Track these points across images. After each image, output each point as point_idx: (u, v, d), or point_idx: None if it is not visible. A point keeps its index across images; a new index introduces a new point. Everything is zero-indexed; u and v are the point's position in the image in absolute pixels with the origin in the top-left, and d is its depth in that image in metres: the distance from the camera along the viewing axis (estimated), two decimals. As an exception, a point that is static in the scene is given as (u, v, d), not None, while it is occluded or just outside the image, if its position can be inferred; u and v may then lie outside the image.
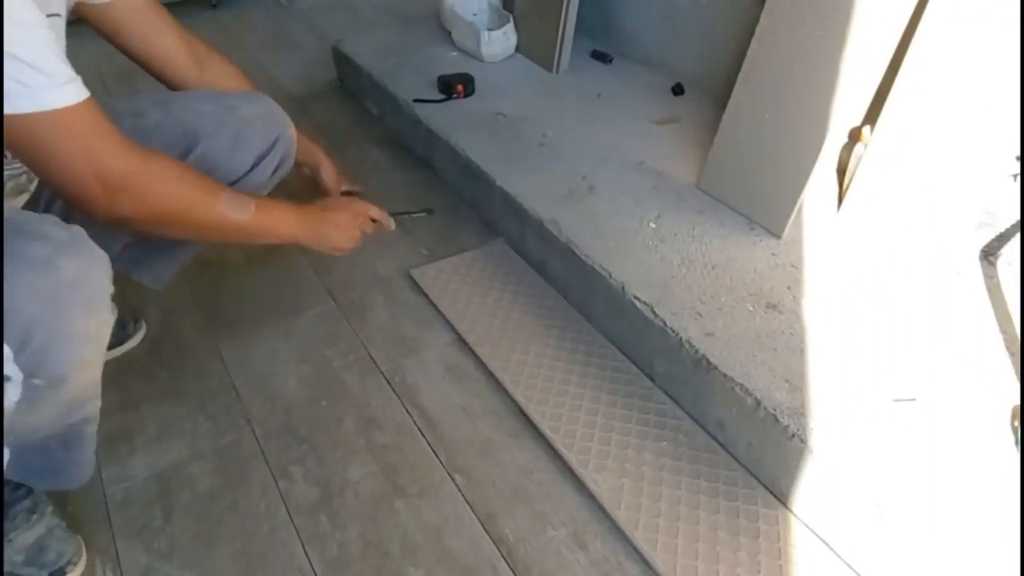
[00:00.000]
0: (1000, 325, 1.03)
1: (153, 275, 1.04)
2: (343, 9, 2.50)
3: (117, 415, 0.99)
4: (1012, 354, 0.98)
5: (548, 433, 0.99)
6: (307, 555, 0.86)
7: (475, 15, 1.92)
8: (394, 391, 1.08)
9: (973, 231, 1.15)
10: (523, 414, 1.03)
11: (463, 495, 0.93)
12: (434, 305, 1.23)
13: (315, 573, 0.84)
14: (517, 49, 1.85)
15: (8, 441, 0.68)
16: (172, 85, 0.96)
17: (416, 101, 1.62)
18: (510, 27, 1.80)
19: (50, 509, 0.84)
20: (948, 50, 1.00)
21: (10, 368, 0.56)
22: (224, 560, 0.85)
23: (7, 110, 0.60)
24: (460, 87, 1.62)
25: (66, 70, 0.64)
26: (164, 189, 0.72)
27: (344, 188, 1.13)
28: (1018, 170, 1.08)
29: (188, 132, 0.87)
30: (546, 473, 0.96)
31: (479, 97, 1.65)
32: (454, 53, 1.87)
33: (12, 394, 0.59)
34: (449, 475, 0.96)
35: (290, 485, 0.94)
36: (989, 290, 1.09)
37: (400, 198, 1.53)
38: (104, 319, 0.63)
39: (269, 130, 0.94)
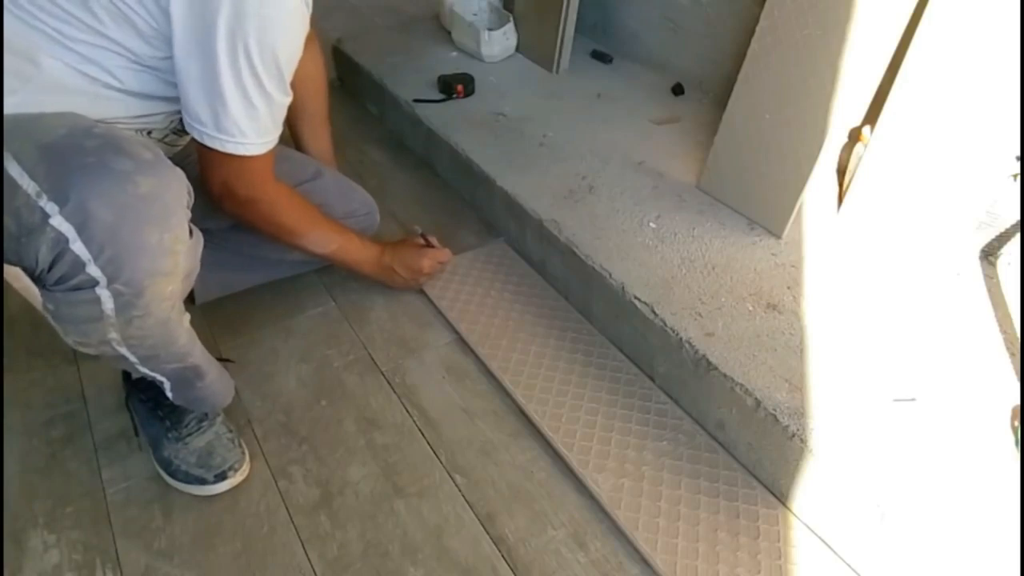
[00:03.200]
0: (1000, 325, 1.03)
1: (203, 286, 1.10)
2: (343, 9, 2.50)
3: (117, 415, 0.99)
4: (1012, 354, 0.98)
5: (548, 433, 1.00)
6: (307, 555, 0.86)
7: (475, 15, 1.92)
8: (394, 391, 1.08)
9: (973, 231, 1.15)
10: (523, 414, 1.03)
11: (463, 495, 0.93)
12: (434, 305, 1.23)
13: (315, 573, 0.84)
14: (517, 49, 1.85)
15: (164, 370, 0.82)
16: None
17: (416, 101, 1.62)
18: (510, 27, 1.80)
19: (220, 419, 0.95)
20: (948, 50, 1.00)
21: (94, 270, 0.63)
22: (224, 560, 0.85)
23: (221, 147, 0.80)
24: (460, 87, 1.62)
25: (277, 131, 0.86)
26: (267, 217, 0.95)
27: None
28: (1018, 170, 1.08)
29: (315, 170, 1.17)
30: (546, 473, 0.96)
31: (479, 97, 1.65)
32: (454, 53, 1.87)
33: (107, 300, 0.65)
34: (449, 475, 0.96)
35: (290, 485, 0.94)
36: (989, 290, 1.09)
37: (400, 198, 1.53)
38: (177, 236, 0.68)
39: (368, 204, 1.24)
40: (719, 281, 1.09)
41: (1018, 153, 1.05)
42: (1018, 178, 1.09)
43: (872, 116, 1.21)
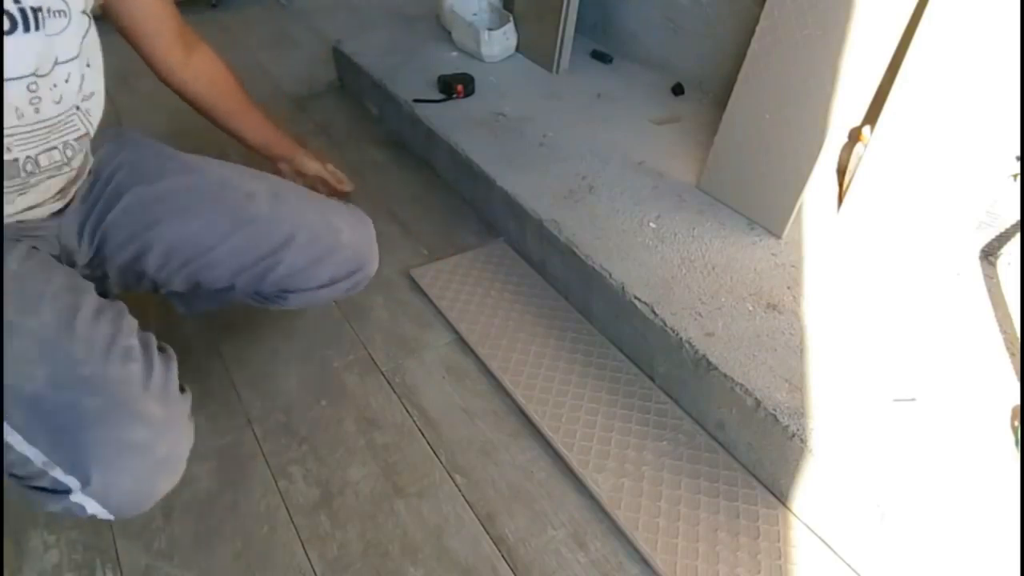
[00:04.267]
0: (1000, 325, 1.03)
1: (188, 307, 1.05)
2: (343, 9, 2.50)
3: (117, 415, 0.99)
4: (1012, 354, 0.98)
5: (548, 433, 1.00)
6: (307, 555, 0.86)
7: (475, 15, 1.92)
8: (394, 391, 1.08)
9: (973, 231, 1.15)
10: (523, 414, 1.03)
11: (463, 495, 0.93)
12: (434, 305, 1.23)
13: (315, 573, 0.84)
14: (517, 49, 1.85)
15: None
16: (154, 63, 0.97)
17: (416, 101, 1.62)
18: (510, 27, 1.80)
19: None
20: (948, 50, 1.00)
21: (97, 511, 0.64)
22: (224, 560, 0.85)
23: None
24: (460, 87, 1.62)
25: None
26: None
27: (329, 167, 1.13)
28: (1018, 170, 1.08)
29: (284, 236, 0.88)
30: (546, 473, 0.96)
31: (479, 97, 1.65)
32: (454, 53, 1.87)
33: (92, 508, 0.65)
34: (449, 475, 0.96)
35: (290, 485, 0.94)
36: (989, 290, 1.09)
37: (400, 198, 1.53)
38: (182, 472, 0.71)
39: (354, 262, 0.96)
40: (719, 281, 1.09)
41: (1018, 153, 1.05)
42: (1018, 178, 1.09)
43: (872, 116, 1.21)
